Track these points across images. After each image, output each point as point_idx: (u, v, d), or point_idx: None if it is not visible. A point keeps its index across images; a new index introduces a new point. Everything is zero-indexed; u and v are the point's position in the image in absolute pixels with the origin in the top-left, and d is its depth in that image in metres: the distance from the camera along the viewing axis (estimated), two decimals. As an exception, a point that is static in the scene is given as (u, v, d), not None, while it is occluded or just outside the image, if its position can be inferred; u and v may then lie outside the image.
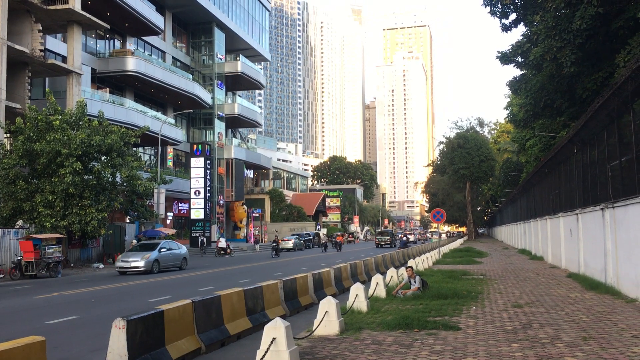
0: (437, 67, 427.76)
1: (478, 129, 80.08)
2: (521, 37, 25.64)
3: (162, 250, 27.41)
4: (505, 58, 26.31)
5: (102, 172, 30.10)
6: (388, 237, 59.78)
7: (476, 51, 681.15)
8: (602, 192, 14.80)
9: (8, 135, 32.39)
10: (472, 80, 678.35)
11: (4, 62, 31.52)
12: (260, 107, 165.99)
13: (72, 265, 30.24)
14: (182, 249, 29.57)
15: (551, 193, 24.86)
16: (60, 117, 29.71)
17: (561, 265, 22.22)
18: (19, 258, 24.93)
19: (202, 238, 47.56)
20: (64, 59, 39.62)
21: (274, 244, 41.04)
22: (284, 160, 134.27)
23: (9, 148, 30.74)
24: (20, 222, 29.22)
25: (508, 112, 49.50)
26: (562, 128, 28.55)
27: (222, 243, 43.52)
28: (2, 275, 24.73)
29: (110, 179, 31.03)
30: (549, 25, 20.61)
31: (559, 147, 21.06)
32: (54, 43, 42.04)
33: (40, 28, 35.29)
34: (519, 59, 26.27)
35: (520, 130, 40.57)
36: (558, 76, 22.96)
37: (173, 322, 8.01)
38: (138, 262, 25.76)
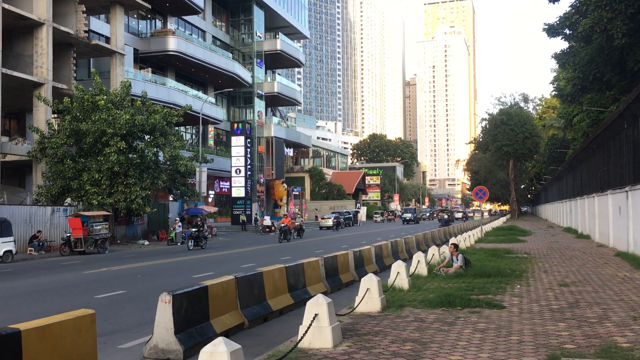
0: (479, 42, 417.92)
1: (522, 104, 78.06)
2: (569, 8, 24.72)
3: None
4: (552, 30, 25.43)
5: (146, 151, 30.67)
6: (448, 215, 71.75)
7: (520, 24, 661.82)
8: (654, 168, 14.25)
9: (55, 115, 33.26)
10: (516, 55, 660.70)
11: (50, 43, 32.24)
12: (299, 85, 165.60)
13: (118, 241, 31.09)
14: None
15: (599, 170, 24.11)
16: (105, 97, 30.33)
17: (609, 244, 21.61)
18: (68, 235, 25.76)
19: (256, 216, 49.47)
20: (107, 39, 40.28)
21: (193, 230, 28.36)
22: (323, 139, 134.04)
23: (56, 128, 31.60)
24: (68, 200, 30.13)
25: (554, 86, 48.04)
26: (611, 102, 27.55)
27: (267, 221, 44.41)
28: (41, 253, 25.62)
29: (153, 158, 31.61)
30: (599, -5, 19.79)
31: (609, 122, 20.33)
32: (97, 24, 42.76)
33: (84, 9, 35.90)
34: (567, 31, 25.36)
35: (567, 106, 39.36)
36: (608, 48, 22.10)
37: (217, 298, 8.13)
38: None
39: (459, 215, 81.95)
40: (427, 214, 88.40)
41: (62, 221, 27.49)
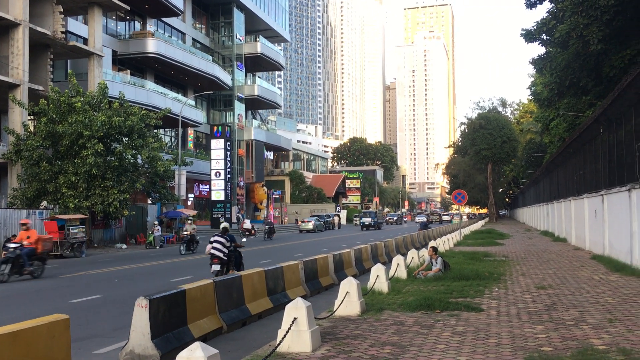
0: (458, 47, 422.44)
1: (500, 109, 78.87)
2: (546, 14, 25.04)
3: None
4: (529, 36, 25.72)
5: (124, 154, 30.32)
6: (438, 217, 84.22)
7: (499, 30, 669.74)
8: (628, 172, 14.49)
9: (31, 117, 32.77)
10: (495, 60, 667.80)
11: (26, 44, 31.75)
12: (279, 88, 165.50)
13: (95, 245, 30.68)
14: None
15: (575, 174, 24.45)
16: (82, 99, 29.96)
17: (585, 246, 21.91)
18: (44, 238, 25.31)
19: (238, 215, 49.47)
20: (85, 41, 39.79)
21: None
22: (303, 142, 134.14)
23: (32, 130, 31.12)
24: (44, 203, 29.66)
25: (532, 91, 48.66)
26: (587, 107, 27.95)
27: (247, 224, 44.34)
28: None
29: (131, 161, 31.28)
30: (575, 2, 20.10)
31: (585, 126, 20.63)
32: (75, 25, 42.22)
33: (62, 10, 35.42)
34: (544, 37, 25.68)
35: (544, 110, 39.84)
36: (584, 54, 22.42)
37: (195, 302, 8.05)
38: None
39: (447, 217, 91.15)
40: (395, 218, 79.13)
41: (37, 224, 27.01)
